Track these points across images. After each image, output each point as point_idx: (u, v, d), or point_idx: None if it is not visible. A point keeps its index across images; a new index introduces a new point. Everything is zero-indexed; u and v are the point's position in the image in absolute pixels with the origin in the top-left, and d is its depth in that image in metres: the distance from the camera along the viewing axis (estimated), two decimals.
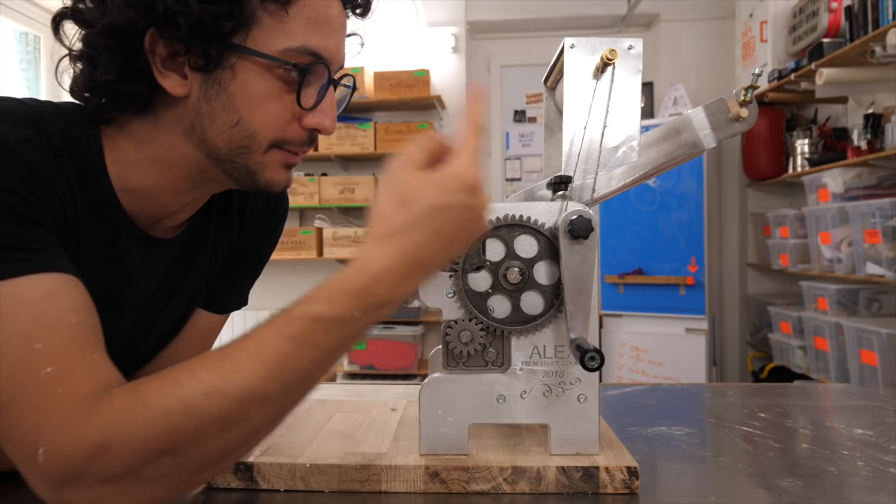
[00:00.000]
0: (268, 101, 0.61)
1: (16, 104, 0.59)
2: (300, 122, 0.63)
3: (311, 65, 0.60)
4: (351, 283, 0.52)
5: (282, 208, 0.88)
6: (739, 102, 0.68)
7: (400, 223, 0.52)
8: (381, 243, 0.52)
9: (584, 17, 4.01)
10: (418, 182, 0.53)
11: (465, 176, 0.53)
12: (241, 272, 0.85)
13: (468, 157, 0.54)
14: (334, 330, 0.51)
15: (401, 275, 0.52)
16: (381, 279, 0.51)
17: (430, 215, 0.52)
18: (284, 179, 0.66)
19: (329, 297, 0.51)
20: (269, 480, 0.63)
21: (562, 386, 0.66)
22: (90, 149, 0.62)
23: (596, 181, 0.67)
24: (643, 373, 3.46)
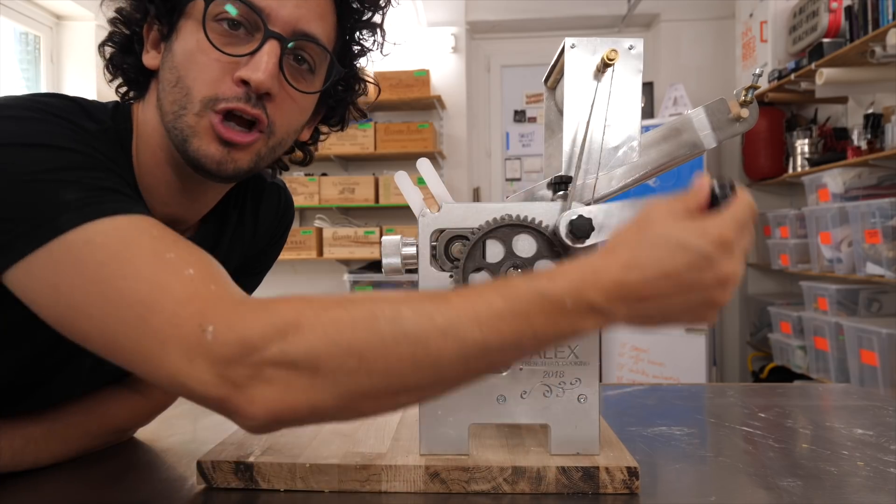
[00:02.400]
0: (199, 55, 0.61)
1: (68, 102, 0.61)
2: (233, 76, 0.60)
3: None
4: (570, 269, 0.49)
5: (289, 216, 0.89)
6: (740, 102, 0.68)
7: (630, 238, 0.50)
8: (607, 251, 0.50)
9: (584, 17, 4.01)
10: (663, 213, 0.50)
11: (718, 229, 0.48)
12: (247, 276, 0.86)
13: (728, 218, 0.49)
14: (544, 310, 0.48)
15: (611, 283, 0.48)
16: (596, 278, 0.48)
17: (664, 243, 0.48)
18: (215, 153, 0.62)
19: (552, 276, 0.49)
20: (269, 480, 0.63)
21: (562, 386, 0.66)
22: (124, 145, 0.65)
23: (596, 181, 0.67)
24: (643, 373, 3.46)
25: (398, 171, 0.66)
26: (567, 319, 0.48)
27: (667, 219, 0.50)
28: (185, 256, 0.51)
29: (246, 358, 0.46)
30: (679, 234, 0.48)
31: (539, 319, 0.48)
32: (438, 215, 0.65)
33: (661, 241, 0.48)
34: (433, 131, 3.86)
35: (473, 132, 4.24)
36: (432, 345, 0.47)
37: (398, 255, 0.66)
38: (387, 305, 0.48)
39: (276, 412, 0.47)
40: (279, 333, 0.46)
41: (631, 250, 0.49)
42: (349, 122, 0.80)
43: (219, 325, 0.47)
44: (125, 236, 0.51)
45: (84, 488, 0.65)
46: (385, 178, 3.77)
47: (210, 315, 0.47)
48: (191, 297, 0.48)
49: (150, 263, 0.49)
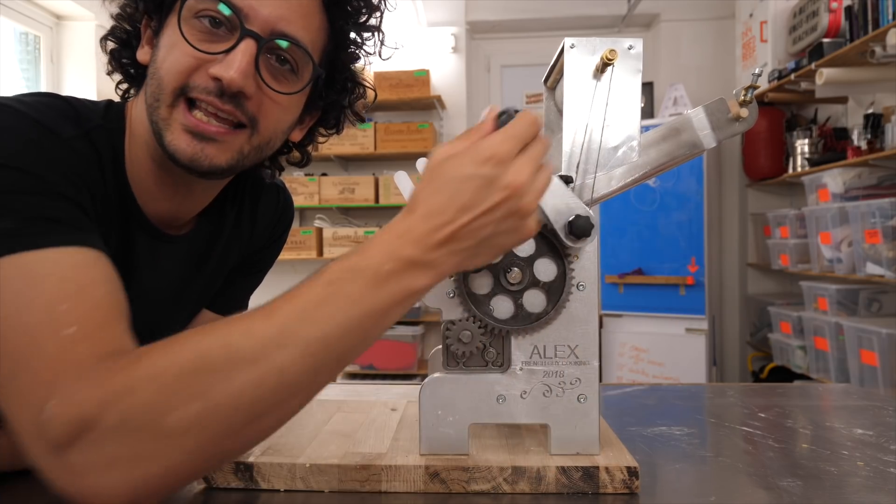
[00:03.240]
0: (175, 48, 0.62)
1: (58, 101, 0.62)
2: (207, 72, 0.61)
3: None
4: (379, 238, 0.51)
5: (289, 216, 0.89)
6: (739, 102, 0.68)
7: (422, 192, 0.51)
8: (406, 210, 0.52)
9: (584, 17, 4.01)
10: (443, 157, 0.51)
11: (489, 149, 0.50)
12: (246, 276, 0.86)
13: (498, 135, 0.51)
14: (367, 282, 0.48)
15: (420, 235, 0.49)
16: (403, 237, 0.49)
17: (449, 183, 0.50)
18: (185, 146, 0.61)
19: (362, 250, 0.50)
20: (269, 480, 0.63)
21: (562, 386, 0.66)
22: (115, 144, 0.65)
23: (596, 181, 0.67)
24: (643, 373, 3.46)
25: (398, 171, 0.66)
26: (393, 283, 0.49)
27: (447, 160, 0.51)
28: (77, 308, 0.49)
29: (82, 437, 0.43)
30: (458, 169, 0.50)
31: (366, 293, 0.48)
32: None
33: (446, 181, 0.50)
34: (433, 131, 3.86)
35: None
36: (270, 358, 0.46)
37: None
38: (213, 337, 0.47)
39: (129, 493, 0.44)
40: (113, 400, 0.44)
41: (425, 200, 0.50)
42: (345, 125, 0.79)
43: (59, 399, 0.44)
44: (32, 277, 0.49)
45: None
46: (385, 178, 3.77)
47: (58, 384, 0.45)
48: (52, 362, 0.46)
49: (38, 314, 0.48)
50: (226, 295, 0.84)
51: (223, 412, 0.45)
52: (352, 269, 0.49)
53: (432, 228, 0.49)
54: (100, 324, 0.49)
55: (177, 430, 0.44)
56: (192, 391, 0.44)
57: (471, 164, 0.50)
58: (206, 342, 0.46)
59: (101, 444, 0.43)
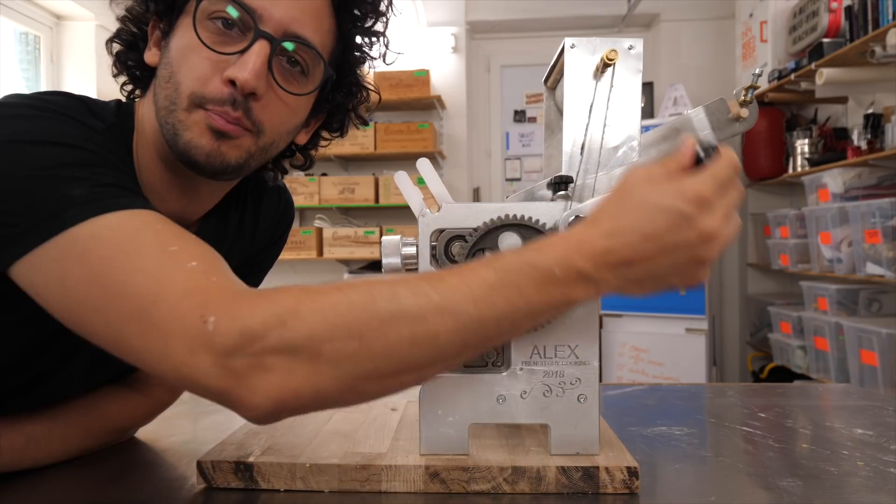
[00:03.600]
0: (191, 52, 0.61)
1: (74, 100, 0.62)
2: (221, 77, 0.60)
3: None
4: (558, 240, 0.51)
5: (289, 217, 0.89)
6: (739, 102, 0.68)
7: (611, 207, 0.52)
8: (590, 222, 0.52)
9: (584, 17, 4.01)
10: (641, 178, 0.51)
11: (694, 188, 0.49)
12: (247, 276, 0.86)
13: (706, 176, 0.50)
14: (535, 281, 0.49)
15: (597, 251, 0.50)
16: (582, 247, 0.50)
17: (642, 207, 0.50)
18: (206, 144, 0.61)
19: (539, 248, 0.51)
20: (269, 480, 0.63)
21: (562, 386, 0.66)
22: (127, 143, 0.66)
23: (596, 181, 0.67)
24: (643, 373, 3.46)
25: (398, 171, 0.66)
26: (558, 289, 0.50)
27: (645, 184, 0.51)
28: (189, 249, 0.52)
29: (247, 348, 0.46)
30: (656, 197, 0.50)
31: (530, 290, 0.50)
32: (438, 215, 0.65)
33: (639, 205, 0.50)
34: (433, 131, 3.86)
35: (473, 132, 4.24)
36: (430, 322, 0.48)
37: (398, 255, 0.66)
38: (384, 287, 0.49)
39: (279, 400, 0.48)
40: (279, 321, 0.47)
41: (612, 218, 0.51)
42: (349, 128, 0.80)
43: (220, 316, 0.47)
44: (129, 231, 0.51)
45: (84, 488, 0.65)
46: (385, 178, 3.77)
47: (211, 306, 0.47)
48: (192, 289, 0.48)
49: (153, 257, 0.50)
50: None
51: (375, 357, 0.48)
52: (526, 263, 0.50)
53: (611, 248, 0.50)
54: (213, 262, 0.52)
55: (331, 359, 0.47)
56: (353, 330, 0.47)
57: (672, 195, 0.50)
58: (376, 289, 0.49)
59: (262, 355, 0.46)
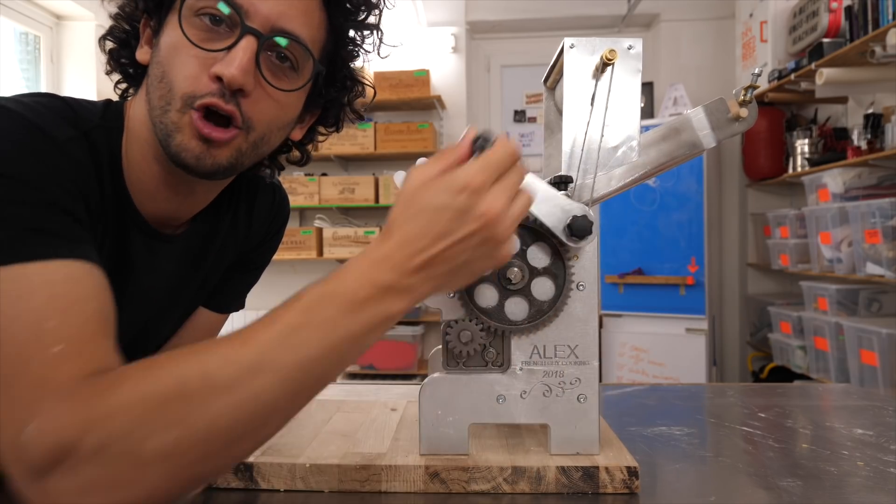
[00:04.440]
0: (179, 50, 0.61)
1: (56, 101, 0.61)
2: (209, 72, 0.60)
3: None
4: (355, 264, 0.52)
5: (284, 214, 0.89)
6: (739, 102, 0.68)
7: (397, 217, 0.52)
8: (382, 235, 0.53)
9: (584, 17, 4.01)
10: (418, 183, 0.52)
11: (462, 179, 0.51)
12: (243, 273, 0.86)
13: (475, 165, 0.52)
14: (343, 308, 0.49)
15: (396, 262, 0.50)
16: (380, 264, 0.50)
17: (423, 211, 0.51)
18: (195, 147, 0.62)
19: (337, 276, 0.51)
20: (269, 480, 0.63)
21: (562, 386, 0.66)
22: (113, 144, 0.65)
23: (596, 181, 0.67)
24: (643, 373, 3.46)
25: (398, 171, 0.66)
26: (370, 308, 0.50)
27: (421, 187, 0.52)
28: (66, 328, 0.49)
29: (62, 464, 0.43)
30: (432, 198, 0.51)
31: (341, 319, 0.49)
32: None
33: (420, 209, 0.51)
34: (433, 131, 3.86)
35: None
36: (247, 385, 0.47)
37: None
38: (191, 364, 0.47)
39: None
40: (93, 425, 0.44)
41: (401, 228, 0.51)
42: (344, 123, 0.79)
43: (41, 422, 0.44)
44: (20, 291, 0.49)
45: None
46: (385, 178, 3.77)
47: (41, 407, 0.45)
48: (37, 382, 0.46)
49: (27, 330, 0.47)
50: (222, 293, 0.84)
51: (201, 438, 0.46)
52: (328, 294, 0.50)
53: (408, 255, 0.50)
54: (87, 341, 0.49)
55: (155, 456, 0.44)
56: (170, 418, 0.45)
57: (445, 193, 0.51)
58: (184, 369, 0.47)
59: (79, 469, 0.43)
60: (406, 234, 0.51)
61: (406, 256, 0.50)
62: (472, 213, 0.50)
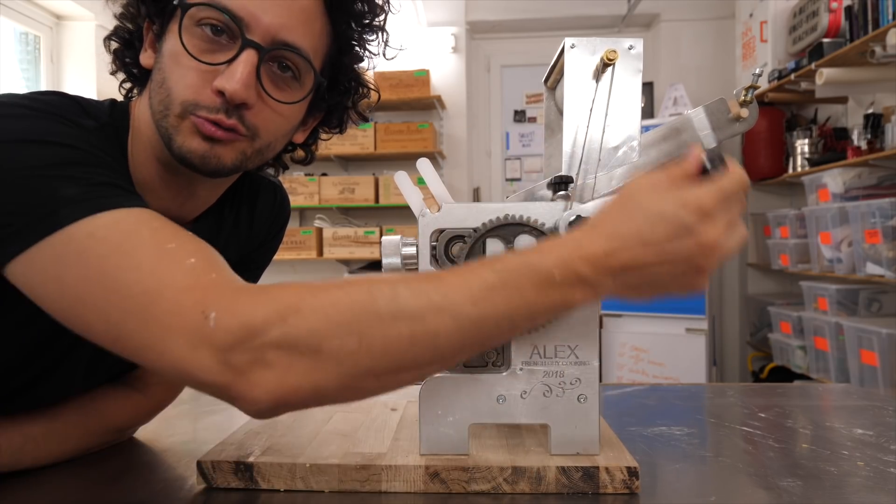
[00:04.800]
0: (181, 58, 0.61)
1: (66, 99, 0.62)
2: (212, 85, 0.60)
3: (195, 5, 0.59)
4: (558, 243, 0.52)
5: (285, 214, 0.89)
6: (739, 102, 0.68)
7: (611, 211, 0.52)
8: (591, 226, 0.53)
9: (584, 17, 4.01)
10: (645, 186, 0.52)
11: (697, 198, 0.50)
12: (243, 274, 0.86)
13: (711, 188, 0.51)
14: (535, 282, 0.50)
15: (596, 256, 0.50)
16: (582, 251, 0.50)
17: (643, 213, 0.50)
18: (198, 147, 0.61)
19: (539, 250, 0.52)
20: (269, 480, 0.63)
21: (562, 386, 0.66)
22: (121, 142, 0.66)
23: (596, 181, 0.67)
24: (643, 373, 3.46)
25: (398, 171, 0.66)
26: (557, 291, 0.50)
27: (648, 190, 0.51)
28: (186, 246, 0.52)
29: (248, 343, 0.47)
30: (657, 205, 0.50)
31: (530, 292, 0.50)
32: (438, 215, 0.65)
33: (640, 212, 0.51)
34: (433, 131, 3.86)
35: (473, 132, 4.24)
36: (429, 321, 0.49)
37: (398, 255, 0.66)
38: (384, 286, 0.50)
39: (278, 395, 0.48)
40: (280, 317, 0.47)
41: (613, 223, 0.51)
42: (347, 125, 0.80)
43: (220, 312, 0.47)
44: (126, 228, 0.51)
45: (84, 488, 0.65)
46: (385, 178, 3.77)
47: (212, 302, 0.48)
48: (192, 285, 0.49)
49: (151, 254, 0.50)
50: None
51: (374, 355, 0.48)
52: (527, 264, 0.51)
53: (610, 253, 0.50)
54: (213, 257, 0.52)
55: (331, 356, 0.48)
56: (354, 328, 0.48)
57: (673, 203, 0.50)
58: (377, 288, 0.49)
59: (263, 350, 0.47)
60: (615, 230, 0.51)
61: (609, 253, 0.50)
62: (694, 234, 0.50)
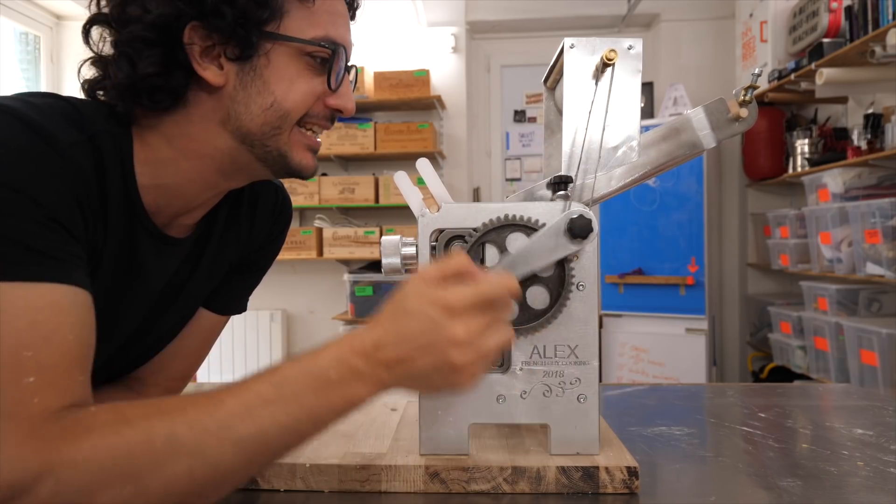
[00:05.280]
0: (298, 83, 0.66)
1: (62, 103, 0.61)
2: (324, 102, 0.68)
3: (337, 48, 0.66)
4: (333, 345, 0.54)
5: (287, 215, 0.89)
6: (739, 102, 0.68)
7: (386, 310, 0.54)
8: (368, 326, 0.55)
9: (584, 17, 4.01)
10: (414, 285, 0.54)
11: (447, 297, 0.52)
12: (245, 275, 0.86)
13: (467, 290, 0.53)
14: (312, 385, 0.51)
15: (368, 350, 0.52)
16: (356, 347, 0.52)
17: (403, 311, 0.53)
18: (312, 163, 0.70)
19: (314, 353, 0.53)
20: (269, 480, 0.63)
21: (562, 386, 0.66)
22: (122, 147, 0.64)
23: (596, 181, 0.67)
24: (643, 373, 3.46)
25: (398, 171, 0.66)
26: (337, 391, 0.51)
27: (414, 289, 0.54)
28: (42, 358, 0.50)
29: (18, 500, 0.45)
30: (415, 302, 0.53)
31: (310, 398, 0.51)
32: (438, 215, 0.65)
33: (402, 308, 0.53)
34: (433, 131, 3.86)
35: (473, 132, 4.24)
36: (208, 453, 0.49)
37: (398, 255, 0.66)
38: (162, 424, 0.49)
39: None
40: (50, 471, 0.45)
41: (382, 320, 0.54)
42: None
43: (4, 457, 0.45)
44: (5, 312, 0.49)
45: None
46: (385, 178, 3.77)
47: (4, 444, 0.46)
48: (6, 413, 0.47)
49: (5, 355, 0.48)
50: (224, 294, 0.84)
51: (153, 498, 0.48)
52: (302, 371, 0.52)
53: (377, 345, 0.52)
54: (61, 374, 0.51)
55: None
56: (128, 474, 0.47)
57: (428, 301, 0.52)
58: (153, 425, 0.48)
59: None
60: (384, 326, 0.53)
61: (376, 347, 0.52)
62: (441, 329, 0.52)
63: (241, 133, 0.65)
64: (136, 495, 0.47)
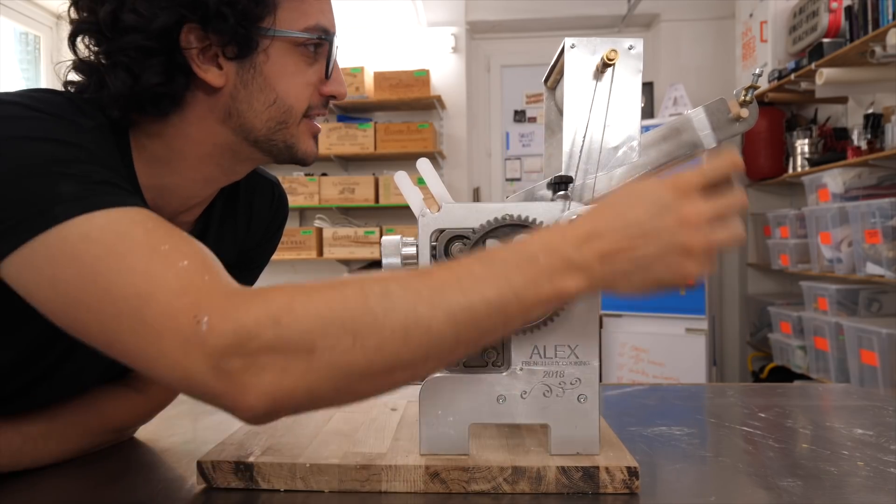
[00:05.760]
0: (297, 76, 0.66)
1: (60, 98, 0.61)
2: (319, 91, 0.68)
3: (329, 38, 0.67)
4: (542, 232, 0.54)
5: (283, 212, 0.89)
6: (739, 102, 0.68)
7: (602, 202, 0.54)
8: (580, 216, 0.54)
9: (584, 17, 4.01)
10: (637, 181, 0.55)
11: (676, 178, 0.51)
12: (242, 272, 0.86)
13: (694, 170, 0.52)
14: (520, 266, 0.50)
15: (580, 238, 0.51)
16: (566, 235, 0.52)
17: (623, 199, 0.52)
18: (314, 150, 0.71)
19: (525, 239, 0.53)
20: (269, 480, 0.63)
21: (562, 386, 0.66)
22: (121, 145, 0.64)
23: (596, 181, 0.67)
24: (643, 373, 3.46)
25: (398, 171, 0.66)
26: (544, 277, 0.50)
27: (637, 183, 0.54)
28: (180, 247, 0.51)
29: (241, 348, 0.46)
30: (636, 190, 0.52)
31: (517, 278, 0.50)
32: (438, 215, 0.65)
33: (622, 196, 0.53)
34: (433, 131, 3.86)
35: (473, 132, 4.24)
36: (421, 315, 0.49)
37: (398, 255, 0.66)
38: (375, 283, 0.50)
39: (273, 400, 0.48)
40: (273, 319, 0.47)
41: (596, 212, 0.53)
42: None
43: (213, 316, 0.47)
44: (120, 229, 0.51)
45: (84, 488, 0.65)
46: (385, 178, 3.77)
47: (204, 306, 0.47)
48: (185, 288, 0.48)
49: (144, 256, 0.50)
50: None
51: (369, 353, 0.48)
52: (512, 252, 0.52)
53: (592, 233, 0.51)
54: (206, 258, 0.52)
55: (325, 357, 0.47)
56: (348, 326, 0.48)
57: (654, 185, 0.52)
58: (368, 286, 0.49)
59: (256, 354, 0.47)
60: (599, 216, 0.52)
61: (592, 233, 0.51)
62: (673, 210, 0.51)
63: (245, 130, 0.66)
64: (355, 347, 0.48)
